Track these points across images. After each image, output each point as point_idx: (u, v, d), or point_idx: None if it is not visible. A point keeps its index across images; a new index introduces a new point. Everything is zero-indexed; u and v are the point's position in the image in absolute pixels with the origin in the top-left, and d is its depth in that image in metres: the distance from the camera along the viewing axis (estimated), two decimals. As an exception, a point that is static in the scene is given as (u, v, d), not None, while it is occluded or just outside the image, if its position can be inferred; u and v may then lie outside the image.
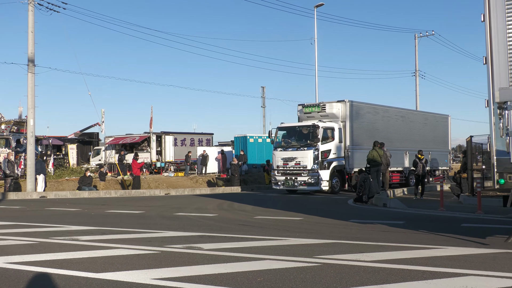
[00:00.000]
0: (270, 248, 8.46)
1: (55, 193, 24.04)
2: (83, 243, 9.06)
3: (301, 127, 23.60)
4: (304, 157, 22.91)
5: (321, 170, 22.78)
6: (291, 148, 23.47)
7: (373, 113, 25.82)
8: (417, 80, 43.65)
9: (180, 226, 11.70)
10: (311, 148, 22.81)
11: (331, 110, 23.98)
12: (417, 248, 8.38)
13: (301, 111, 25.04)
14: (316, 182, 22.73)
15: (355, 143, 24.21)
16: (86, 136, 44.49)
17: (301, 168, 23.05)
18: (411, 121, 28.76)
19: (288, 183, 23.39)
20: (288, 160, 23.34)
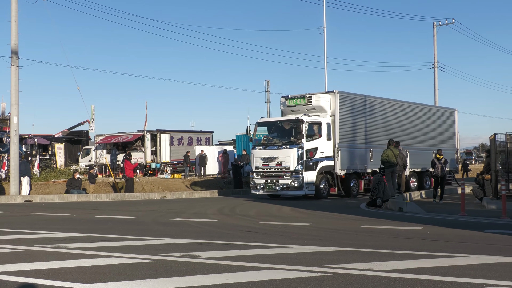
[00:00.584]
0: (275, 256, 8.46)
1: (41, 196, 24.09)
2: (72, 251, 9.07)
3: (283, 122, 22.49)
4: (287, 156, 21.81)
5: (306, 172, 21.70)
6: (271, 146, 22.38)
7: (368, 106, 24.89)
8: (436, 72, 43.58)
9: (177, 233, 11.70)
10: (295, 146, 21.71)
11: (318, 102, 22.93)
12: (436, 256, 8.35)
13: (284, 104, 24.02)
14: (300, 186, 21.59)
15: (346, 141, 23.27)
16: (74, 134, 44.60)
17: (283, 169, 21.93)
18: (412, 116, 27.75)
19: (269, 186, 22.24)
20: (269, 160, 22.26)
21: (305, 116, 22.05)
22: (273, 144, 22.41)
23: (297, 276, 6.94)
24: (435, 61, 43.77)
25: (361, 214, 16.49)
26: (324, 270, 7.30)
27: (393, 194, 18.78)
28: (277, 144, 22.25)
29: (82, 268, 7.59)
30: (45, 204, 21.74)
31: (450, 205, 19.03)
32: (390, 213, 16.57)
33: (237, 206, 19.32)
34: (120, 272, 7.27)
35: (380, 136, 25.13)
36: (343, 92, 23.36)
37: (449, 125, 30.94)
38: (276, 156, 22.07)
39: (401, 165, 21.15)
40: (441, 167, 20.83)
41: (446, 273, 7.03)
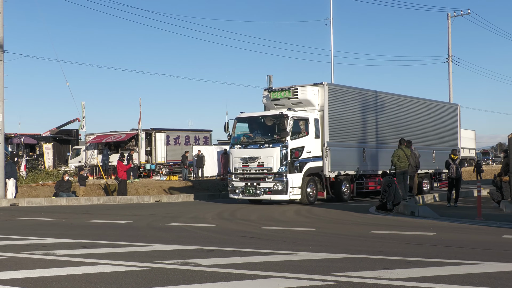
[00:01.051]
0: (278, 264, 8.46)
1: (28, 200, 24.10)
2: (61, 258, 9.07)
3: (265, 117, 21.54)
4: (269, 156, 20.86)
5: (291, 174, 20.73)
6: (252, 145, 21.43)
7: (361, 101, 24.11)
8: (450, 67, 43.53)
9: (174, 239, 11.71)
10: (278, 145, 20.72)
11: (305, 95, 22.07)
12: (451, 263, 8.35)
13: (267, 98, 23.10)
14: (284, 189, 20.62)
15: (336, 139, 22.43)
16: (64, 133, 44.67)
17: (265, 171, 20.95)
18: (410, 111, 27.03)
19: (249, 190, 21.27)
20: (249, 160, 21.25)
21: (290, 111, 21.20)
22: (254, 143, 21.48)
23: (301, 285, 6.94)
24: (450, 54, 43.72)
25: (370, 218, 16.49)
26: (330, 278, 7.29)
27: (404, 197, 18.77)
28: (259, 143, 21.33)
29: (72, 276, 7.59)
30: (32, 208, 21.75)
31: (466, 209, 19.01)
32: (402, 217, 16.57)
33: (238, 210, 19.34)
34: (112, 281, 7.28)
35: (374, 134, 24.51)
36: (333, 84, 22.78)
37: (451, 122, 30.22)
38: (257, 156, 21.14)
39: (413, 166, 21.13)
40: (456, 168, 20.79)
41: (461, 282, 7.02)
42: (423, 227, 13.69)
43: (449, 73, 43.52)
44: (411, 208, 17.33)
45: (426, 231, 12.64)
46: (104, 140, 37.62)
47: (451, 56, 43.72)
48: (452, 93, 43.01)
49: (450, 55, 43.71)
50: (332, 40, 36.04)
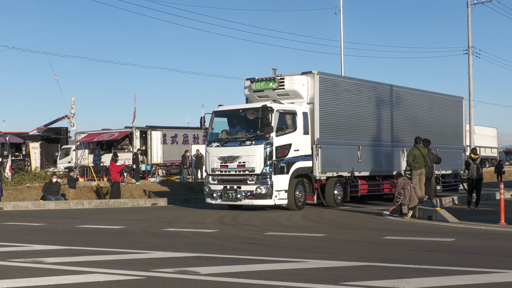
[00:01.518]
0: (284, 272, 8.46)
1: (13, 203, 24.17)
2: (49, 266, 9.09)
3: (247, 110, 20.42)
4: (251, 155, 19.82)
5: (276, 175, 19.74)
6: (232, 142, 20.41)
7: (355, 93, 23.27)
8: (470, 59, 43.47)
9: (171, 245, 11.72)
10: (261, 142, 19.68)
11: (293, 86, 21.16)
12: (471, 272, 8.34)
13: (249, 89, 22.10)
14: (268, 193, 19.58)
15: (328, 136, 21.52)
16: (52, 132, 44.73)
17: (247, 171, 19.93)
18: (410, 105, 26.23)
19: (228, 194, 20.23)
20: (228, 160, 20.24)
21: (275, 104, 20.15)
22: (234, 140, 20.46)
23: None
24: (469, 46, 43.65)
25: (383, 223, 16.48)
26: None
27: (421, 200, 18.75)
28: (239, 140, 20.28)
29: (61, 286, 7.60)
30: (18, 212, 21.80)
31: (487, 213, 18.98)
32: (418, 222, 16.56)
33: (240, 214, 19.35)
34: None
35: (370, 130, 23.77)
36: (324, 73, 21.59)
37: (456, 117, 29.41)
38: (237, 155, 20.07)
39: (430, 167, 21.08)
40: (476, 168, 20.73)
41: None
42: (441, 232, 13.68)
43: (469, 65, 43.44)
44: (428, 212, 17.30)
45: (444, 237, 12.63)
46: (96, 139, 37.66)
47: (471, 48, 43.65)
48: (472, 87, 42.95)
49: (470, 47, 43.63)
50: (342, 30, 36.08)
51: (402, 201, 17.71)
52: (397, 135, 25.16)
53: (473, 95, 42.11)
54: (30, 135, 43.53)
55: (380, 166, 23.93)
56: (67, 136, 45.10)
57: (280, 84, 21.30)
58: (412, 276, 7.98)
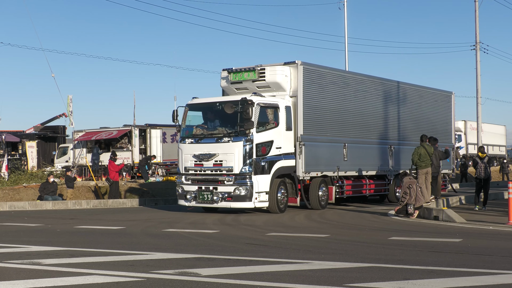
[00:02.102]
0: (287, 274, 8.47)
1: (9, 204, 24.19)
2: (47, 267, 9.11)
3: (224, 104, 18.91)
4: (229, 153, 18.64)
5: (256, 175, 18.55)
6: (208, 139, 19.19)
7: (341, 85, 22.13)
8: (478, 55, 43.41)
9: (171, 246, 11.74)
10: (240, 139, 18.48)
11: (274, 77, 19.85)
12: (479, 273, 8.34)
13: (227, 80, 20.83)
14: (248, 195, 18.40)
15: (312, 132, 20.39)
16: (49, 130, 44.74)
17: (224, 171, 18.74)
18: (398, 100, 25.16)
19: (203, 196, 18.98)
20: (204, 158, 19.00)
21: (255, 96, 18.91)
22: (210, 136, 19.23)
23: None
24: (477, 41, 43.59)
25: (388, 223, 16.49)
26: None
27: (427, 200, 18.75)
28: (216, 136, 19.07)
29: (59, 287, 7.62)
30: (15, 213, 21.83)
31: (495, 213, 18.97)
32: (424, 222, 16.56)
33: (241, 214, 19.37)
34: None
35: (357, 126, 22.71)
36: (308, 64, 20.37)
37: (445, 113, 28.31)
38: (214, 153, 18.82)
39: (437, 166, 21.07)
40: (484, 167, 20.71)
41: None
42: (448, 233, 13.68)
43: (477, 61, 43.37)
44: (434, 212, 17.30)
45: (451, 238, 12.63)
46: (94, 137, 37.67)
47: (478, 43, 43.59)
48: (480, 83, 42.89)
49: (478, 42, 43.58)
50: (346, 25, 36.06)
51: (408, 200, 17.71)
52: (384, 132, 24.33)
53: (480, 92, 42.06)
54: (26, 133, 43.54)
55: (366, 165, 23.00)
56: (64, 134, 45.12)
57: (261, 75, 19.98)
58: (418, 278, 7.99)
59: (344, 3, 36.09)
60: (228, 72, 20.66)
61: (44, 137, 43.71)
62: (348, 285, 7.55)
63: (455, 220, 16.20)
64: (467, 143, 51.54)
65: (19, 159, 39.55)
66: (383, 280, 7.89)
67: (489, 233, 13.85)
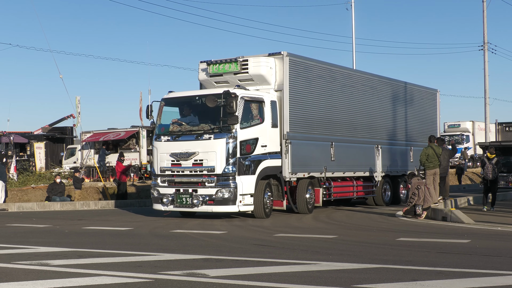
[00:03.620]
0: (295, 275, 8.47)
1: (18, 204, 24.27)
2: (55, 268, 9.13)
3: (205, 97, 17.42)
4: (210, 151, 17.13)
5: (240, 176, 17.11)
6: (186, 136, 17.70)
7: (329, 80, 20.87)
8: (486, 55, 43.31)
9: (179, 247, 11.75)
10: (223, 136, 17.04)
11: (258, 69, 18.49)
12: (487, 274, 8.32)
13: (206, 72, 19.41)
14: (231, 198, 16.95)
15: (299, 129, 19.10)
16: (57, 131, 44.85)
17: (205, 171, 17.24)
18: (385, 97, 24.14)
19: (181, 199, 17.47)
20: (181, 157, 17.51)
21: (239, 89, 17.56)
22: (189, 133, 17.69)
23: (321, 298, 6.94)
24: (485, 41, 43.50)
25: (396, 224, 16.46)
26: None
27: (435, 201, 18.71)
28: (196, 133, 17.54)
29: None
30: (23, 214, 21.90)
31: (504, 214, 18.92)
32: (432, 223, 16.53)
33: (249, 215, 19.35)
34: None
35: (344, 123, 21.53)
36: (294, 55, 18.99)
37: (430, 112, 27.31)
38: (193, 151, 17.32)
39: (445, 166, 21.01)
40: (492, 168, 20.68)
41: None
42: (456, 234, 13.65)
43: (485, 62, 43.30)
44: (442, 213, 17.27)
45: (459, 239, 12.60)
46: (102, 138, 37.73)
47: (486, 44, 43.50)
48: (488, 84, 42.81)
49: (486, 42, 43.49)
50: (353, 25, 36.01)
51: (416, 201, 17.68)
52: (372, 131, 23.17)
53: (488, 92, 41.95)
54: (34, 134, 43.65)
55: (354, 165, 21.80)
56: (72, 135, 45.22)
57: (243, 67, 18.53)
58: (426, 279, 7.98)
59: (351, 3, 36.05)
60: (207, 64, 19.15)
61: (52, 138, 43.82)
62: (356, 286, 7.54)
63: (463, 221, 16.16)
64: (475, 144, 51.38)
65: (27, 160, 39.67)
66: (391, 281, 7.87)
67: (498, 234, 13.81)
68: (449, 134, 46.29)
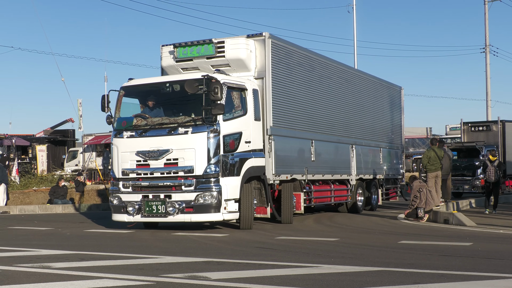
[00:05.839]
0: (296, 278, 8.45)
1: (20, 207, 24.29)
2: (57, 271, 9.13)
3: (179, 83, 14.94)
4: (188, 148, 14.32)
5: (224, 177, 14.39)
6: (155, 130, 14.82)
7: (308, 69, 18.64)
8: (488, 58, 43.31)
9: (181, 250, 11.74)
10: (203, 129, 14.28)
11: (237, 53, 15.88)
12: (490, 277, 8.30)
13: (172, 57, 16.61)
14: (215, 204, 14.15)
15: (282, 124, 16.69)
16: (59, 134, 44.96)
17: (181, 173, 14.39)
18: (358, 91, 22.14)
19: (152, 207, 14.51)
20: (151, 156, 14.58)
21: (219, 74, 14.87)
22: (159, 127, 14.81)
23: (323, 301, 6.93)
24: (487, 44, 43.49)
25: (398, 227, 16.45)
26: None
27: (437, 203, 18.70)
28: (168, 126, 14.68)
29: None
30: (25, 216, 21.91)
31: (506, 216, 18.90)
32: (434, 225, 16.52)
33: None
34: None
35: (323, 119, 19.33)
36: (276, 38, 16.70)
37: (396, 110, 25.58)
38: (166, 149, 14.42)
39: (446, 169, 21.03)
40: (494, 170, 20.70)
41: (501, 298, 6.98)
42: (458, 236, 13.63)
43: (486, 64, 43.30)
44: (444, 216, 17.25)
45: (461, 241, 12.58)
46: (104, 141, 37.81)
47: (488, 46, 43.50)
48: (489, 86, 42.81)
49: (488, 45, 43.49)
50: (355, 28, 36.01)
51: (418, 204, 17.67)
52: (348, 129, 21.04)
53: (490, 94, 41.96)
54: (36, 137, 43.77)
55: (332, 167, 19.61)
56: (74, 138, 45.33)
57: (219, 50, 15.87)
58: (429, 282, 7.96)
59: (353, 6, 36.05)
60: (174, 47, 16.38)
61: (54, 141, 43.93)
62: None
63: (465, 224, 16.14)
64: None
65: (29, 162, 39.76)
66: (393, 284, 7.86)
67: (500, 237, 13.79)
68: (451, 136, 46.32)
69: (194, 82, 14.26)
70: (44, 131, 44.81)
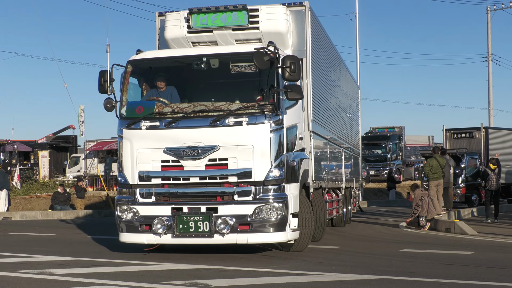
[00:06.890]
0: (297, 285, 8.44)
1: (21, 213, 24.29)
2: (58, 277, 9.12)
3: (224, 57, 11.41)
4: (242, 144, 10.63)
5: (289, 184, 10.88)
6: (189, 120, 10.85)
7: (329, 56, 15.81)
8: (490, 67, 43.33)
9: (182, 256, 11.72)
10: (262, 120, 10.64)
11: (276, 25, 12.08)
12: (491, 286, 8.29)
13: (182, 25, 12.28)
14: (280, 220, 10.53)
15: (320, 119, 13.99)
16: (61, 140, 44.97)
17: (233, 178, 10.66)
18: (343, 85, 18.95)
19: (189, 224, 10.60)
20: (187, 155, 10.67)
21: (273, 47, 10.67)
22: (196, 115, 10.84)
23: (324, 309, 6.91)
24: (489, 53, 43.51)
25: (400, 235, 16.42)
26: (356, 302, 7.26)
27: (439, 212, 18.67)
28: (211, 114, 10.78)
29: (70, 298, 7.62)
30: (26, 222, 21.90)
31: (508, 225, 18.87)
32: (436, 234, 16.48)
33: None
34: (114, 303, 7.29)
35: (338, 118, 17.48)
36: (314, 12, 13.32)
37: (356, 110, 22.90)
38: (211, 145, 10.63)
39: (448, 177, 21.01)
40: (496, 179, 20.73)
41: (503, 307, 6.96)
42: (460, 245, 13.60)
43: (489, 73, 43.31)
44: (446, 224, 17.22)
45: (463, 250, 12.56)
46: (106, 147, 37.79)
47: (490, 55, 43.52)
48: (492, 95, 42.82)
49: (490, 54, 43.51)
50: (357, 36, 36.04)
51: (420, 212, 17.64)
52: (341, 129, 18.30)
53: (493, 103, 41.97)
54: (38, 143, 43.78)
55: (337, 174, 17.01)
56: (76, 144, 45.35)
57: (253, 19, 11.98)
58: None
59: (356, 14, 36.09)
60: (190, 13, 12.06)
61: (56, 147, 43.94)
62: (359, 298, 7.51)
63: (467, 232, 16.11)
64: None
65: (31, 168, 39.77)
66: (394, 292, 7.84)
67: (501, 246, 13.76)
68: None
69: (263, 55, 10.46)
70: (46, 137, 44.83)
